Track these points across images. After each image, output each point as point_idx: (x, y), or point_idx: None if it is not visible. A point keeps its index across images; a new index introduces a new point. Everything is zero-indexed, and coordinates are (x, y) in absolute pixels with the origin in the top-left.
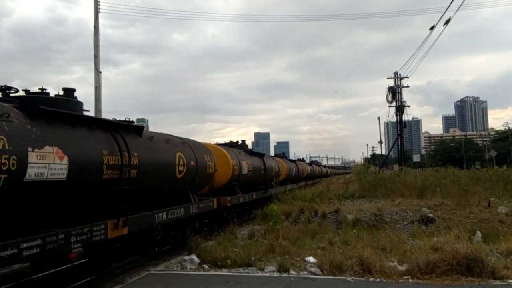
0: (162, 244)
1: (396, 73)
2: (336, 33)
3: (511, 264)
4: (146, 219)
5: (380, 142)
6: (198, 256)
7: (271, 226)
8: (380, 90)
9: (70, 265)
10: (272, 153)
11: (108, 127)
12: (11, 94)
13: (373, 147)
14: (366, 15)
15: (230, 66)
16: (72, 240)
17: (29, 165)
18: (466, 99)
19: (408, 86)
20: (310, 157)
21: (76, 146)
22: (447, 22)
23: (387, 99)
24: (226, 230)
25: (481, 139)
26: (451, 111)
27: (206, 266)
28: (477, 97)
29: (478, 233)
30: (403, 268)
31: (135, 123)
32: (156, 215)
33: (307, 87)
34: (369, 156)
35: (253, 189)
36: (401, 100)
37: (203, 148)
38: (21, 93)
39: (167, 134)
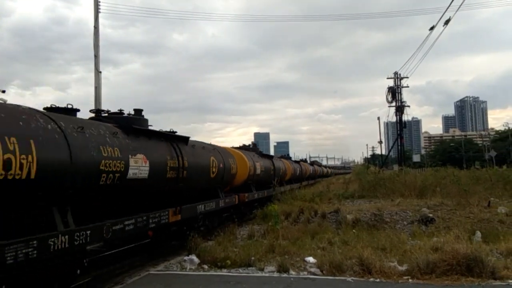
0: (198, 231)
1: (396, 73)
2: (336, 33)
3: (511, 264)
4: (192, 209)
5: (380, 142)
6: (197, 256)
7: (271, 226)
8: (380, 90)
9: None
10: (272, 153)
11: (168, 138)
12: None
13: (373, 147)
14: (366, 15)
15: (230, 66)
16: (150, 221)
17: (130, 167)
18: (466, 99)
19: (408, 86)
20: (310, 157)
21: (152, 153)
22: (447, 22)
23: (387, 99)
24: (226, 230)
25: (481, 139)
26: (451, 111)
27: (205, 266)
28: (477, 97)
29: (478, 233)
30: (403, 268)
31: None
32: (197, 207)
33: (307, 87)
34: (369, 156)
35: (264, 187)
36: (401, 100)
37: (227, 152)
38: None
39: (202, 142)
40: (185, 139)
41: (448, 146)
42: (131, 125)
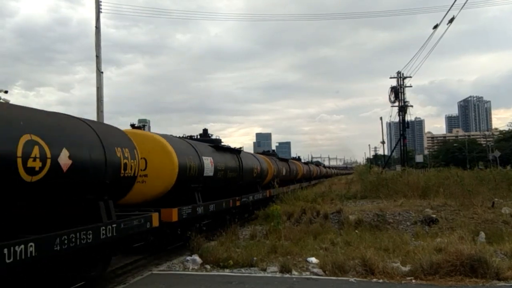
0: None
1: (399, 72)
2: (339, 33)
3: None
4: (247, 198)
5: (383, 142)
6: (200, 256)
7: (273, 227)
8: (383, 90)
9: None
10: None
11: (232, 151)
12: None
13: (375, 148)
14: (370, 13)
15: (233, 66)
16: (224, 205)
17: (204, 167)
18: (469, 98)
19: (411, 86)
20: (312, 157)
21: (220, 159)
22: (451, 20)
23: (389, 99)
24: (228, 231)
25: (484, 139)
26: (454, 111)
27: (208, 266)
28: (481, 97)
29: (482, 234)
30: (406, 269)
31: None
32: (248, 197)
33: (309, 87)
34: (371, 157)
35: (285, 184)
36: (404, 100)
37: (262, 158)
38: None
39: (248, 152)
40: (240, 151)
41: (452, 146)
42: (218, 145)
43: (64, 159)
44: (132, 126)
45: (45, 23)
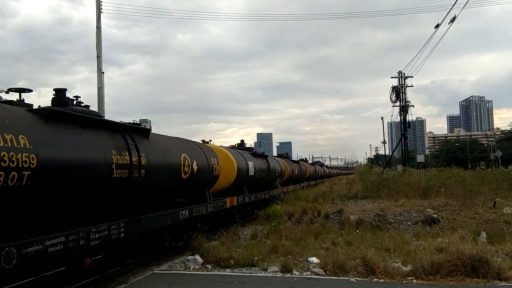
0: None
1: (400, 72)
2: (341, 33)
3: None
4: (273, 192)
5: (384, 142)
6: (201, 256)
7: (274, 227)
8: (384, 90)
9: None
10: (274, 153)
11: (262, 156)
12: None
13: (376, 148)
14: (371, 13)
15: (234, 66)
16: (259, 196)
17: (249, 169)
18: (471, 98)
19: (412, 86)
20: (313, 157)
21: (256, 162)
22: (452, 20)
23: (391, 99)
24: (229, 231)
25: (486, 139)
26: (455, 111)
27: (209, 266)
28: (483, 97)
29: (483, 234)
30: (407, 269)
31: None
32: (273, 191)
33: (310, 87)
34: (372, 157)
35: (297, 182)
36: (405, 99)
37: (281, 161)
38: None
39: (272, 157)
40: (267, 156)
41: (453, 146)
42: (254, 151)
43: (195, 166)
44: (203, 141)
45: (47, 23)
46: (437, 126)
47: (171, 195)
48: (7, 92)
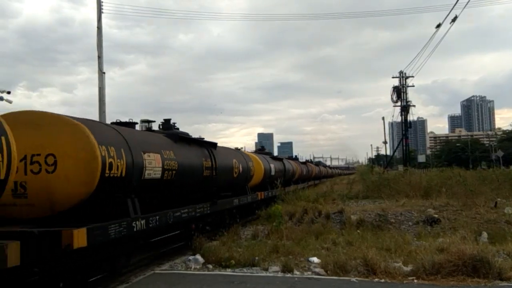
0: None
1: (401, 72)
2: (342, 32)
3: None
4: (288, 188)
5: (385, 142)
6: (202, 256)
7: (275, 227)
8: (385, 90)
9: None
10: (275, 153)
11: (279, 159)
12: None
13: (377, 148)
14: (373, 12)
15: (235, 66)
16: (278, 192)
17: (271, 169)
18: (472, 98)
19: (413, 86)
20: (314, 157)
21: (275, 164)
22: (454, 19)
23: (392, 99)
24: (230, 231)
25: (487, 139)
26: (457, 111)
27: (210, 266)
28: (484, 96)
29: (484, 234)
30: (408, 269)
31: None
32: (289, 187)
33: (311, 87)
34: (373, 157)
35: (304, 181)
36: (406, 99)
37: (293, 163)
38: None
39: (287, 159)
40: (282, 158)
41: (454, 146)
42: (273, 155)
43: (241, 168)
44: (236, 148)
45: (48, 24)
46: (438, 126)
47: (226, 189)
48: (8, 92)
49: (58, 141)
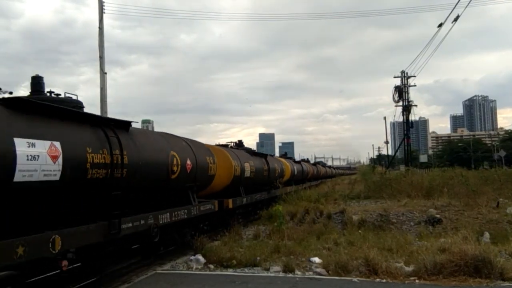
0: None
1: (403, 72)
2: (344, 32)
3: None
4: (301, 186)
5: (386, 142)
6: (203, 256)
7: (276, 227)
8: (387, 90)
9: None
10: (277, 153)
11: (296, 162)
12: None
13: (379, 148)
14: (375, 12)
15: (237, 66)
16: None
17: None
18: (474, 98)
19: (415, 85)
20: (315, 157)
21: (295, 166)
22: (456, 19)
23: (393, 98)
24: (231, 231)
25: (489, 139)
26: (459, 111)
27: (211, 266)
28: (486, 96)
29: (486, 234)
30: (409, 269)
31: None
32: (303, 185)
33: (313, 87)
34: (375, 157)
35: (313, 180)
36: (408, 99)
37: (305, 164)
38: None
39: (301, 162)
40: (300, 161)
41: (456, 146)
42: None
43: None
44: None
45: (51, 25)
46: (440, 126)
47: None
48: (10, 93)
49: (217, 158)
